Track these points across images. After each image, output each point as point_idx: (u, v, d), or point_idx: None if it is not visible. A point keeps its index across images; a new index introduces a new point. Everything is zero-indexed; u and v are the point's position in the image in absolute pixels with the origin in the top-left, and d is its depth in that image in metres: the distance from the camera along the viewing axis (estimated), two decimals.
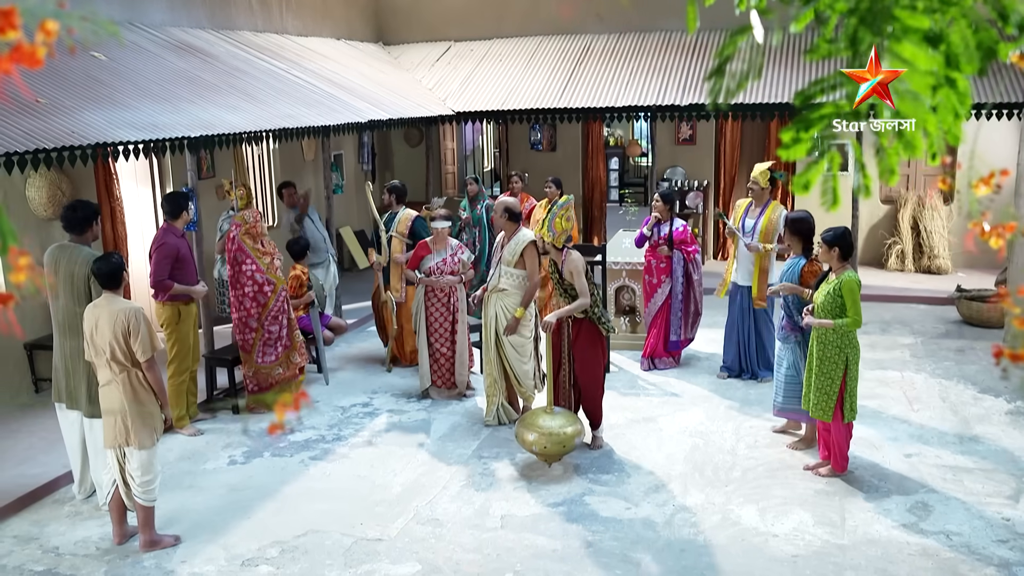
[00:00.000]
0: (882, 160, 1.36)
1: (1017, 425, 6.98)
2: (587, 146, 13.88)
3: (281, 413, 1.38)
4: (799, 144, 1.35)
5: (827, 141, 1.35)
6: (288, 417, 1.42)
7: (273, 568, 5.14)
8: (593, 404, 6.74)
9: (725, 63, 1.45)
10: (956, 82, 1.26)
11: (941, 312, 10.37)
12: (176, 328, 7.01)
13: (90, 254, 5.67)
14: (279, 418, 1.40)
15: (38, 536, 5.59)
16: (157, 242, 6.98)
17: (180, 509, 5.87)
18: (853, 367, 5.90)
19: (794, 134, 1.34)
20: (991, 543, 5.22)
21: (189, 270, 7.01)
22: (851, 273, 5.87)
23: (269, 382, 7.54)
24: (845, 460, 6.11)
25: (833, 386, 5.88)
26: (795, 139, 1.34)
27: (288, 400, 1.41)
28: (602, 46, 12.47)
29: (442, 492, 6.07)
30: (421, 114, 10.73)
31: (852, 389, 5.92)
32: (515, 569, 5.08)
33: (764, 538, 5.35)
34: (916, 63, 1.20)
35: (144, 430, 5.18)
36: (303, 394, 1.42)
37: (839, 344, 5.86)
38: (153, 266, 6.89)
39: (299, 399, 1.42)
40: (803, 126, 1.33)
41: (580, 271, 6.51)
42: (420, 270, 7.63)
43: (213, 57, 9.09)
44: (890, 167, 1.39)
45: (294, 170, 11.49)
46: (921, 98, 1.21)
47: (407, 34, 13.85)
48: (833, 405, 5.90)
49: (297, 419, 7.42)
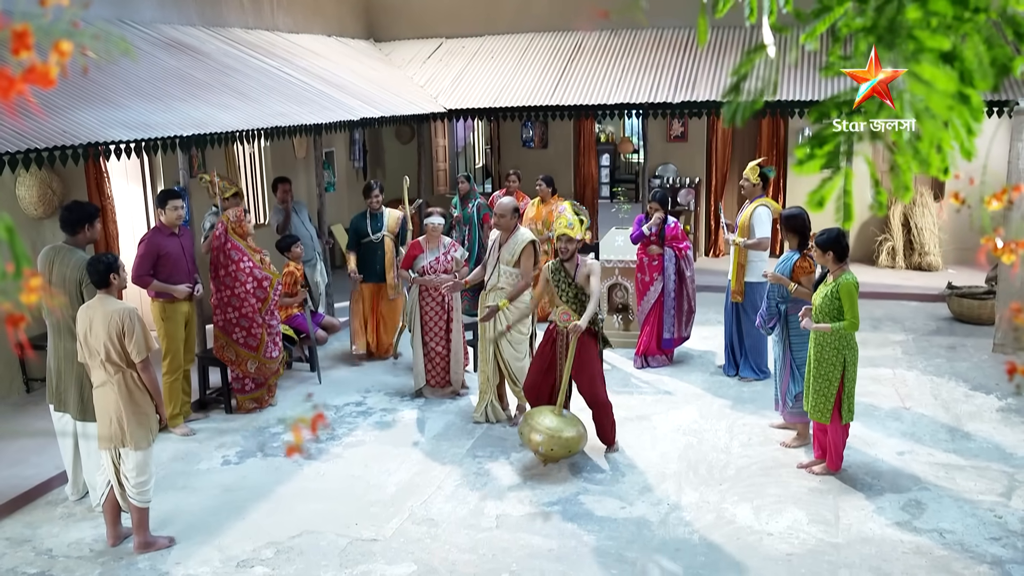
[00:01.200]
0: (896, 177, 1.36)
1: (1008, 422, 7.02)
2: (579, 143, 13.87)
3: (299, 436, 1.38)
4: (813, 160, 1.35)
5: (841, 158, 1.35)
6: (305, 440, 1.41)
7: (268, 569, 5.13)
8: (605, 419, 6.58)
9: (741, 82, 1.44)
10: (970, 98, 1.26)
11: (932, 309, 10.42)
12: (163, 326, 7.00)
13: (82, 258, 5.64)
14: (297, 441, 1.39)
15: (31, 538, 5.56)
16: (141, 239, 6.99)
17: (174, 510, 5.85)
18: (851, 368, 5.90)
19: (808, 150, 1.34)
20: (984, 541, 5.26)
21: (179, 269, 6.98)
22: (849, 275, 5.84)
23: (266, 376, 7.55)
24: (840, 459, 6.13)
25: (831, 388, 5.88)
26: (809, 155, 1.34)
27: (305, 422, 1.40)
28: (594, 43, 12.45)
29: (437, 492, 6.06)
30: (413, 111, 10.70)
31: (850, 390, 5.92)
32: (511, 569, 5.08)
33: (759, 537, 5.37)
34: (935, 83, 1.20)
35: (140, 431, 5.16)
36: (320, 416, 1.42)
37: (837, 346, 5.86)
38: (134, 262, 6.90)
39: (317, 421, 1.41)
40: (817, 142, 1.33)
41: (598, 273, 6.46)
42: (413, 269, 7.61)
43: (204, 55, 9.04)
44: (905, 184, 1.39)
45: (285, 168, 11.44)
46: (939, 117, 1.21)
47: (398, 30, 13.81)
48: (831, 407, 5.90)
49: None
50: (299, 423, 1.37)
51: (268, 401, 7.68)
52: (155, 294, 7.00)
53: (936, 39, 1.18)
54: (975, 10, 1.21)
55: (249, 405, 7.58)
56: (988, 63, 1.28)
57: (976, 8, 1.22)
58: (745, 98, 1.41)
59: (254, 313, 7.38)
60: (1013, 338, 8.54)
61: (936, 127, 1.22)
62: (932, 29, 1.17)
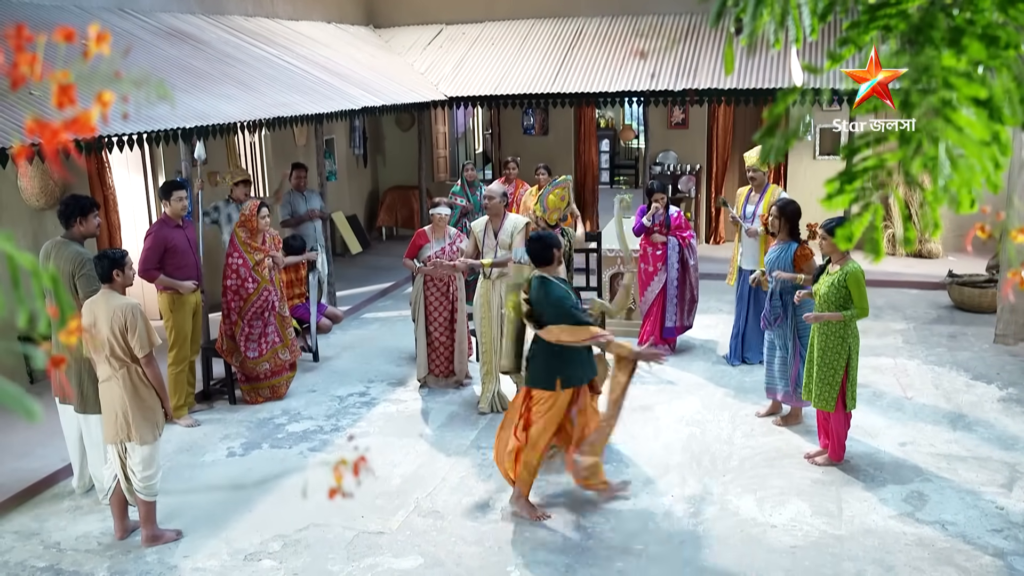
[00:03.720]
0: (925, 214, 1.37)
1: (1009, 412, 7.05)
2: (579, 130, 13.84)
3: (339, 477, 1.39)
4: (843, 195, 1.36)
5: (871, 194, 1.36)
6: (347, 482, 1.42)
7: (276, 562, 5.16)
8: None
9: (776, 124, 1.45)
10: (999, 135, 1.26)
11: (933, 297, 10.44)
12: (171, 317, 7.00)
13: (75, 252, 5.65)
14: (337, 482, 1.41)
15: (39, 531, 5.59)
16: (147, 232, 6.98)
17: (180, 503, 5.88)
18: (855, 357, 5.96)
19: (838, 185, 1.35)
20: (986, 532, 5.29)
21: (186, 262, 6.98)
22: (854, 264, 5.89)
23: (256, 375, 7.52)
24: (843, 449, 6.18)
25: (836, 376, 5.93)
26: (839, 190, 1.35)
27: (346, 463, 1.41)
28: (594, 29, 12.41)
29: (442, 484, 6.09)
30: (414, 99, 10.67)
31: (853, 378, 5.98)
32: (516, 562, 5.12)
33: (763, 529, 5.40)
34: (972, 131, 1.21)
35: (145, 425, 5.18)
36: (363, 458, 1.43)
37: (842, 334, 5.90)
38: (141, 255, 6.89)
39: (359, 463, 1.42)
40: (847, 178, 1.34)
41: (519, 226, 6.96)
42: (418, 259, 7.61)
43: (205, 44, 9.00)
44: (934, 221, 1.40)
45: (286, 156, 11.41)
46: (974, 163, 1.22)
47: (398, 17, 13.75)
48: (836, 395, 5.96)
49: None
50: (341, 465, 1.38)
51: (268, 398, 7.63)
52: (162, 287, 7.01)
53: (972, 87, 1.18)
54: (1005, 46, 1.21)
55: (248, 398, 7.58)
56: (1018, 100, 1.28)
57: (1007, 44, 1.22)
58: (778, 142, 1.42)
59: (229, 310, 7.39)
60: (1015, 328, 8.56)
61: (970, 171, 1.23)
62: (967, 76, 1.17)
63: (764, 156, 1.49)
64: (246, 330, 7.38)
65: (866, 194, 1.37)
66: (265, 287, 7.39)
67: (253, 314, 7.38)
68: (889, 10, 1.27)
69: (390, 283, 11.47)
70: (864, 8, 1.34)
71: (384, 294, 11.25)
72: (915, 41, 1.24)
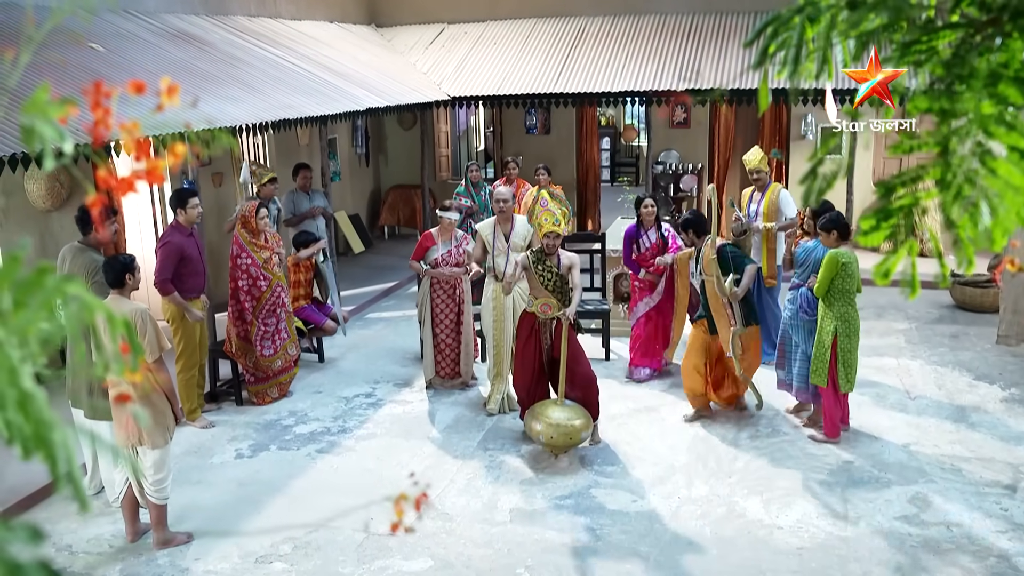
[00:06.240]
0: (959, 251, 1.40)
1: (1012, 412, 7.10)
2: (581, 129, 13.86)
3: (400, 512, 1.42)
4: (878, 232, 1.40)
5: (906, 231, 1.39)
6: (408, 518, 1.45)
7: (287, 565, 5.20)
8: (594, 396, 6.65)
9: (818, 166, 1.48)
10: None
11: (935, 296, 10.47)
12: (181, 323, 6.98)
13: (91, 259, 5.70)
14: (399, 516, 1.44)
15: (50, 533, 5.62)
16: (162, 240, 6.94)
17: (190, 505, 5.91)
18: (843, 339, 6.32)
19: (873, 223, 1.38)
20: (990, 534, 5.34)
21: (197, 269, 6.97)
22: (838, 251, 6.32)
23: (268, 373, 7.57)
24: (835, 428, 6.53)
25: (825, 353, 6.36)
26: (874, 227, 1.38)
27: (406, 497, 1.45)
28: (597, 29, 12.43)
29: (450, 485, 6.13)
30: (417, 99, 10.70)
31: (845, 361, 6.34)
32: (526, 564, 5.16)
33: (769, 530, 5.45)
34: (1011, 180, 1.24)
35: (156, 429, 5.21)
36: (424, 495, 1.46)
37: (828, 316, 6.36)
38: (157, 264, 6.84)
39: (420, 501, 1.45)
40: (883, 215, 1.37)
41: (578, 265, 6.67)
42: (426, 261, 7.64)
43: (209, 45, 9.02)
44: (968, 258, 1.44)
45: (289, 156, 11.43)
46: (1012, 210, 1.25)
47: (400, 16, 13.77)
48: (826, 371, 6.37)
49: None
50: (402, 500, 1.42)
51: (275, 397, 7.67)
52: (173, 303, 6.92)
53: (1012, 136, 1.21)
54: None
55: (256, 399, 7.62)
56: None
57: None
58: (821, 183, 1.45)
59: (243, 311, 7.42)
60: (1017, 329, 8.60)
61: (1008, 216, 1.26)
62: (1007, 124, 1.20)
63: (805, 198, 1.52)
64: (261, 329, 7.44)
65: (901, 231, 1.41)
66: (277, 283, 7.48)
67: (267, 312, 7.44)
68: (920, 47, 1.30)
69: (393, 283, 11.51)
70: (896, 46, 1.37)
71: (387, 294, 11.28)
72: (946, 80, 1.27)
